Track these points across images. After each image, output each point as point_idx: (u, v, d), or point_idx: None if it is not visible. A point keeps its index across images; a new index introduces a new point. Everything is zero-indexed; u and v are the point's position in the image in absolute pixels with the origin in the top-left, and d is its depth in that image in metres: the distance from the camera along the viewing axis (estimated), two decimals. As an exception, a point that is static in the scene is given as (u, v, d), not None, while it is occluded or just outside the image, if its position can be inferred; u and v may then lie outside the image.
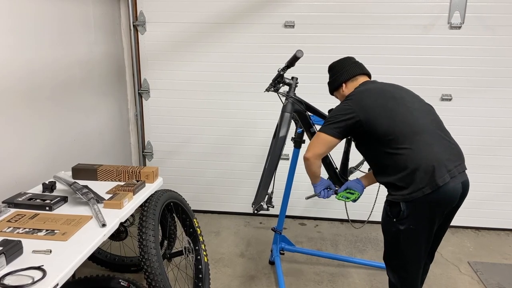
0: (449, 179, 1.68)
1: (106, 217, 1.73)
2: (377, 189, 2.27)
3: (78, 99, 2.76)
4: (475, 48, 3.10)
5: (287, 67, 2.15)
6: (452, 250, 3.08)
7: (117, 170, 2.24)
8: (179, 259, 2.54)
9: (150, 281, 1.85)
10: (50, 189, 2.04)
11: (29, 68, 2.23)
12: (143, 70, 3.45)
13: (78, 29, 2.75)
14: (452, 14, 3.06)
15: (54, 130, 2.50)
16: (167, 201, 2.23)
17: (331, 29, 3.19)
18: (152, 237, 1.91)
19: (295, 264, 2.84)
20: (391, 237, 1.83)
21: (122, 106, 3.45)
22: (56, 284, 1.29)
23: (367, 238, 3.25)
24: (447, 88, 3.20)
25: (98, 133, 3.05)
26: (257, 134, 3.44)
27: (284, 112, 2.13)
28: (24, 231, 1.59)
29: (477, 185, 3.35)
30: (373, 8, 3.10)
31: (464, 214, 3.41)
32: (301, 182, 3.22)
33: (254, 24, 3.24)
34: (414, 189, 1.69)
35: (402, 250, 1.81)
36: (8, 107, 2.09)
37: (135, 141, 3.63)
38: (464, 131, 3.26)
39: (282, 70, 2.17)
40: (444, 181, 1.67)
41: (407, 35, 3.13)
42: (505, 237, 3.32)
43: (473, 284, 2.63)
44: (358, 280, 2.66)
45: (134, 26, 3.33)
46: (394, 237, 1.80)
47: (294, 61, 2.09)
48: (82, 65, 2.79)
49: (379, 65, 3.18)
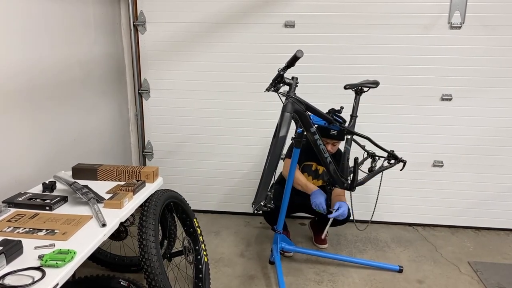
0: None
1: (106, 217, 1.73)
2: (377, 189, 2.28)
3: (78, 99, 2.76)
4: (475, 48, 3.10)
5: (287, 67, 2.15)
6: (452, 250, 3.08)
7: (117, 170, 2.24)
8: (179, 259, 2.54)
9: (150, 281, 1.84)
10: (50, 189, 2.04)
11: (29, 68, 2.23)
12: (143, 70, 3.45)
13: (78, 29, 2.74)
14: (452, 14, 3.05)
15: (54, 130, 2.50)
16: (167, 201, 2.23)
17: (331, 29, 3.19)
18: (152, 237, 1.91)
19: (295, 264, 2.84)
20: None
21: (122, 106, 3.45)
22: (56, 284, 1.29)
23: (367, 238, 3.25)
24: (447, 88, 3.20)
25: (98, 133, 3.05)
26: (257, 134, 3.44)
27: (284, 112, 2.13)
28: (24, 231, 1.59)
29: (477, 185, 3.35)
30: (373, 8, 3.10)
31: (464, 214, 3.43)
32: (301, 182, 3.23)
33: (254, 24, 3.24)
34: None
35: None
36: (8, 107, 2.09)
37: (135, 141, 3.63)
38: (464, 131, 3.26)
39: (282, 70, 2.17)
40: None
41: (407, 35, 3.13)
42: (505, 237, 3.32)
43: (473, 284, 2.63)
44: (358, 280, 2.66)
45: (134, 26, 3.33)
46: None
47: (294, 61, 2.09)
48: (82, 65, 2.79)
49: (379, 65, 3.19)
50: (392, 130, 3.30)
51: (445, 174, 3.36)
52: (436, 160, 3.35)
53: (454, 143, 3.29)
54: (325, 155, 2.37)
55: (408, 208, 3.47)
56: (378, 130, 3.19)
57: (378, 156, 2.76)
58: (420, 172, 3.36)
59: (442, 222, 3.47)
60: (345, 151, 2.48)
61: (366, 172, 2.68)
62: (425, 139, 3.31)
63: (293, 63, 2.11)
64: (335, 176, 2.45)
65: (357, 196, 2.86)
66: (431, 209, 3.44)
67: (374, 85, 2.59)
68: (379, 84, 2.63)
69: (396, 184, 3.34)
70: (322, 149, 2.35)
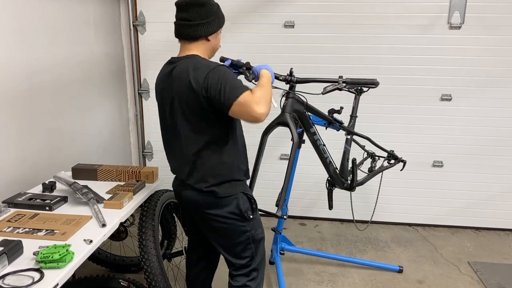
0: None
1: (106, 217, 1.73)
2: (377, 189, 2.27)
3: (78, 99, 2.76)
4: (475, 48, 3.10)
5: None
6: (452, 250, 3.08)
7: (117, 170, 2.24)
8: (179, 259, 2.54)
9: (150, 281, 1.85)
10: (50, 189, 2.03)
11: (29, 68, 2.23)
12: (143, 70, 3.45)
13: (78, 29, 2.74)
14: (452, 14, 3.05)
15: (54, 130, 2.50)
16: (167, 201, 2.23)
17: (331, 29, 3.19)
18: (152, 237, 1.91)
19: (295, 264, 2.83)
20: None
21: (122, 106, 3.45)
22: (56, 284, 1.29)
23: (367, 238, 3.25)
24: (447, 88, 3.20)
25: (98, 133, 3.05)
26: (256, 133, 3.42)
27: (284, 112, 2.13)
28: (24, 231, 1.59)
29: (477, 185, 3.35)
30: (373, 8, 3.10)
31: (464, 214, 3.43)
32: (301, 182, 3.23)
33: (254, 24, 3.24)
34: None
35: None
36: (8, 107, 2.09)
37: (135, 141, 3.63)
38: (463, 131, 3.26)
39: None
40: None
41: (407, 35, 3.13)
42: (505, 237, 3.32)
43: (473, 284, 2.63)
44: (358, 280, 2.66)
45: (134, 26, 3.33)
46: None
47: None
48: (82, 65, 2.79)
49: (379, 65, 3.19)
50: (392, 130, 3.30)
51: (445, 174, 3.36)
52: (436, 160, 3.35)
53: (454, 143, 3.29)
54: (324, 155, 2.37)
55: (408, 208, 3.47)
56: (378, 130, 3.19)
57: (378, 156, 2.76)
58: (420, 172, 3.36)
59: (442, 222, 3.47)
60: (344, 151, 2.48)
61: (366, 172, 2.68)
62: (425, 139, 3.31)
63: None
64: (335, 176, 2.45)
65: (357, 196, 2.86)
66: (431, 209, 3.44)
67: (373, 85, 2.59)
68: (378, 84, 2.62)
69: (396, 184, 3.34)
70: (322, 149, 2.35)
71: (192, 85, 1.55)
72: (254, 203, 1.78)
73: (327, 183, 2.59)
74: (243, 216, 1.73)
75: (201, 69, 1.57)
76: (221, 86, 1.50)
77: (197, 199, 1.72)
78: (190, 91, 1.57)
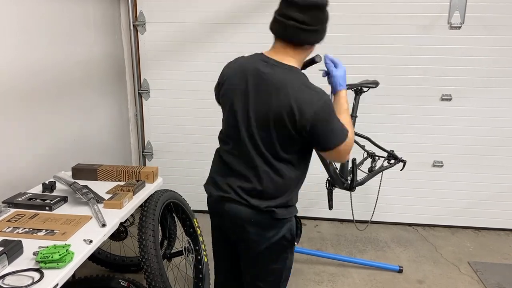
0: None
1: (106, 217, 1.73)
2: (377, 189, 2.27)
3: (78, 99, 2.76)
4: (475, 48, 3.10)
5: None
6: (452, 250, 3.08)
7: (117, 170, 2.24)
8: (179, 259, 2.54)
9: (150, 281, 1.85)
10: (50, 189, 2.03)
11: (29, 68, 2.23)
12: (143, 70, 3.45)
13: (78, 29, 2.74)
14: (452, 14, 3.05)
15: (54, 130, 2.50)
16: (167, 201, 2.23)
17: (331, 29, 3.16)
18: (152, 237, 1.91)
19: (295, 264, 2.82)
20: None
21: (122, 106, 3.45)
22: (56, 284, 1.29)
23: (367, 238, 3.25)
24: (447, 88, 3.20)
25: (98, 133, 3.05)
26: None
27: None
28: (24, 231, 1.59)
29: (477, 185, 3.35)
30: (373, 8, 3.10)
31: (464, 214, 3.43)
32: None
33: (254, 24, 3.23)
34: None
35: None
36: (8, 107, 2.09)
37: (135, 141, 3.63)
38: (463, 131, 3.26)
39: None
40: None
41: (407, 35, 3.13)
42: (505, 237, 3.32)
43: (473, 284, 2.63)
44: (358, 280, 2.66)
45: (134, 26, 3.33)
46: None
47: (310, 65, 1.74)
48: (82, 65, 2.79)
49: (379, 65, 3.19)
50: (392, 130, 3.30)
51: (445, 174, 3.36)
52: (436, 160, 3.35)
53: (454, 143, 3.29)
54: (325, 155, 2.37)
55: (408, 208, 3.47)
56: (378, 130, 3.18)
57: (378, 156, 2.76)
58: (420, 172, 3.36)
59: (442, 222, 3.46)
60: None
61: (366, 172, 2.68)
62: (425, 139, 3.31)
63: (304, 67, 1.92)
64: (335, 176, 2.45)
65: (357, 196, 2.86)
66: (431, 209, 3.44)
67: (373, 85, 2.59)
68: (378, 84, 2.62)
69: (396, 184, 3.34)
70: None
71: (295, 114, 1.35)
72: (299, 228, 1.65)
73: (327, 183, 2.59)
74: (292, 241, 1.58)
75: (308, 100, 1.36)
76: (325, 129, 1.38)
77: (248, 217, 1.49)
78: (288, 115, 1.37)
